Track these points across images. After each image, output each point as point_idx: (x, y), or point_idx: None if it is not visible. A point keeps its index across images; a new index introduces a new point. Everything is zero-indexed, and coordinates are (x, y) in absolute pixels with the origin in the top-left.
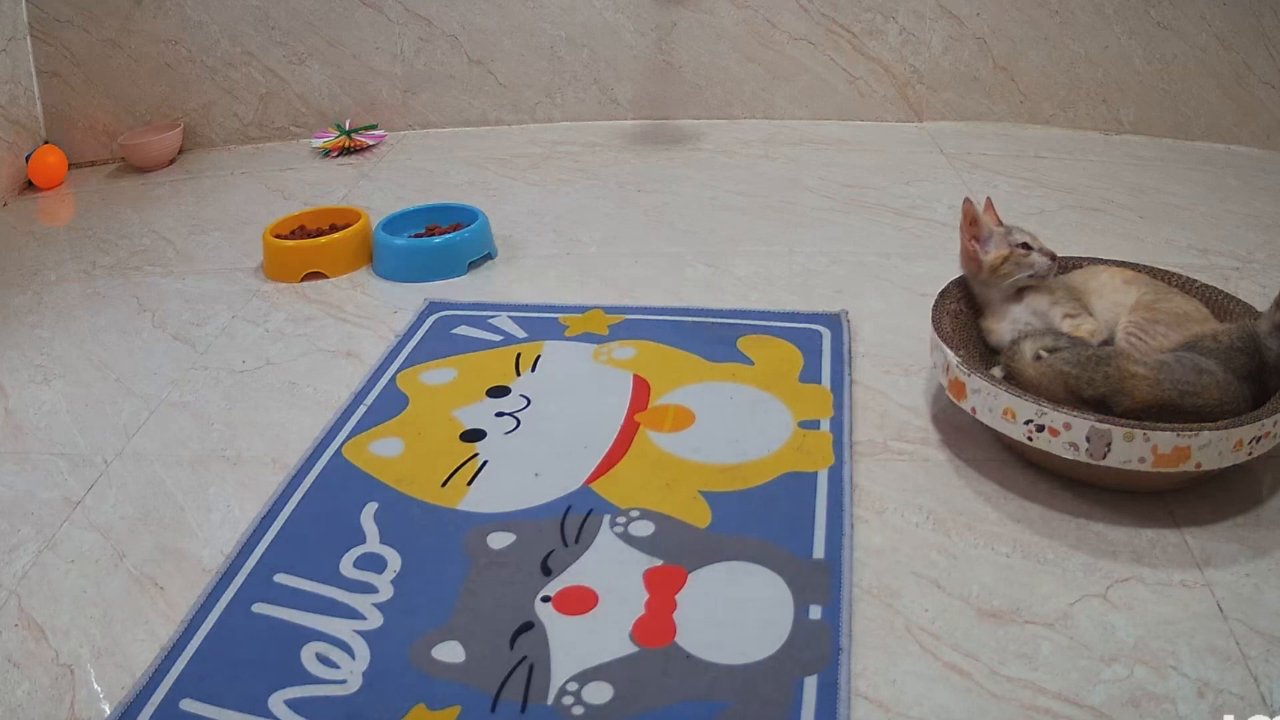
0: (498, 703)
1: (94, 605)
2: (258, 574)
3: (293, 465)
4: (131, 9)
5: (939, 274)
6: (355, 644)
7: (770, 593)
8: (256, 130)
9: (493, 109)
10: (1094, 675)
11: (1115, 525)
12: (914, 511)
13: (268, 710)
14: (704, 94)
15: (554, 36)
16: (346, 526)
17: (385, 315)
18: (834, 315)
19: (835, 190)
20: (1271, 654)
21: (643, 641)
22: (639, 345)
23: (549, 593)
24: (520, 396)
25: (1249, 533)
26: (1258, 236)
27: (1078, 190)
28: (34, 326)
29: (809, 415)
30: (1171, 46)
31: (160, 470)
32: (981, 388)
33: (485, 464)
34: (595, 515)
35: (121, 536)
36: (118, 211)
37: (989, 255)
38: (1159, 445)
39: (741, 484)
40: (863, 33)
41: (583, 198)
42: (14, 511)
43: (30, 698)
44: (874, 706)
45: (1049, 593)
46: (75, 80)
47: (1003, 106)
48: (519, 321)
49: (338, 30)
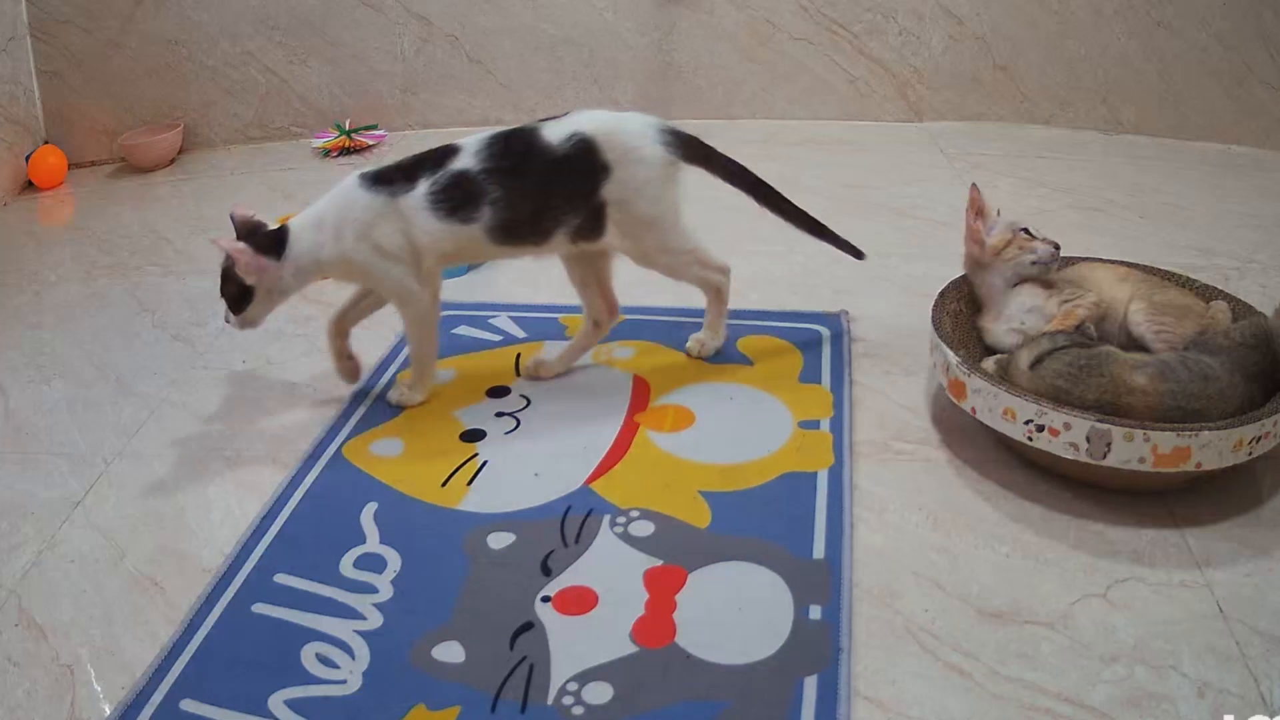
0: (498, 703)
1: (94, 605)
2: (258, 574)
3: (293, 465)
4: (132, 9)
5: (939, 274)
6: (355, 644)
7: (770, 593)
8: (256, 130)
9: (493, 109)
10: (1094, 675)
11: (1115, 525)
12: (914, 511)
13: (268, 710)
14: (704, 94)
15: (554, 36)
16: (346, 526)
17: (385, 315)
18: (834, 315)
19: (835, 190)
20: (1271, 654)
21: (643, 642)
22: (639, 345)
23: (549, 593)
24: (520, 396)
25: (1249, 533)
26: (1258, 236)
27: (1078, 190)
28: (34, 326)
29: (809, 415)
30: (1171, 46)
31: (160, 470)
32: (981, 388)
33: (485, 464)
34: (595, 515)
35: (121, 536)
36: (118, 212)
37: (993, 237)
38: (1159, 445)
39: (741, 484)
40: (863, 33)
41: None
42: (14, 511)
43: (30, 698)
44: (874, 706)
45: (1049, 593)
46: (75, 80)
47: (1003, 106)
48: (519, 321)
49: (338, 30)
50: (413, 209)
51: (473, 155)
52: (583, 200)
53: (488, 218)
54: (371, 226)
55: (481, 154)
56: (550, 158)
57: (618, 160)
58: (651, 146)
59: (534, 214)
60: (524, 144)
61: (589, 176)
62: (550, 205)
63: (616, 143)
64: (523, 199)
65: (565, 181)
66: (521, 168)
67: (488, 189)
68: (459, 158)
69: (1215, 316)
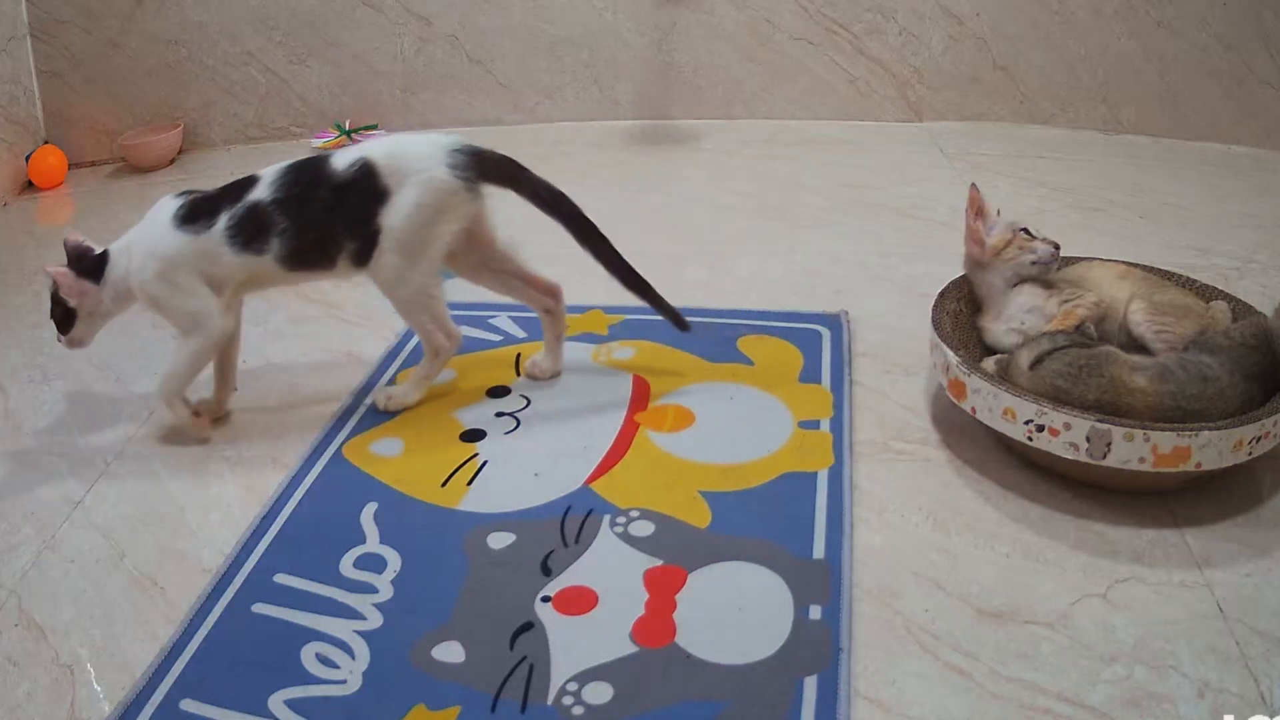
0: (498, 703)
1: (94, 605)
2: (257, 574)
3: (293, 465)
4: (132, 9)
5: (939, 274)
6: (355, 644)
7: (770, 593)
8: (256, 130)
9: (493, 109)
10: (1094, 675)
11: (1115, 525)
12: (914, 511)
13: (268, 710)
14: (704, 94)
15: (554, 36)
16: (346, 526)
17: (385, 315)
18: (834, 315)
19: (835, 190)
20: (1271, 654)
21: (643, 641)
22: (639, 345)
23: (549, 593)
24: (520, 396)
25: (1249, 533)
26: (1258, 237)
27: (1078, 190)
28: (34, 326)
29: (809, 415)
30: (1171, 46)
31: (160, 470)
32: (981, 388)
33: (485, 464)
34: (595, 515)
35: (121, 536)
36: (118, 212)
37: (993, 237)
38: (1159, 445)
39: (741, 484)
40: (863, 33)
41: (583, 198)
42: (14, 511)
43: (30, 698)
44: (874, 706)
45: (1049, 593)
46: (75, 80)
47: (1003, 106)
48: (519, 321)
49: (338, 30)
50: (213, 247)
51: (267, 186)
52: (362, 225)
53: (276, 248)
54: (174, 267)
55: (274, 184)
56: (334, 184)
57: (397, 184)
58: (434, 170)
59: (318, 241)
60: (311, 172)
61: (368, 202)
62: (333, 232)
63: (397, 167)
64: (307, 227)
65: (346, 207)
66: (307, 196)
67: (276, 219)
68: (255, 189)
69: (1215, 316)
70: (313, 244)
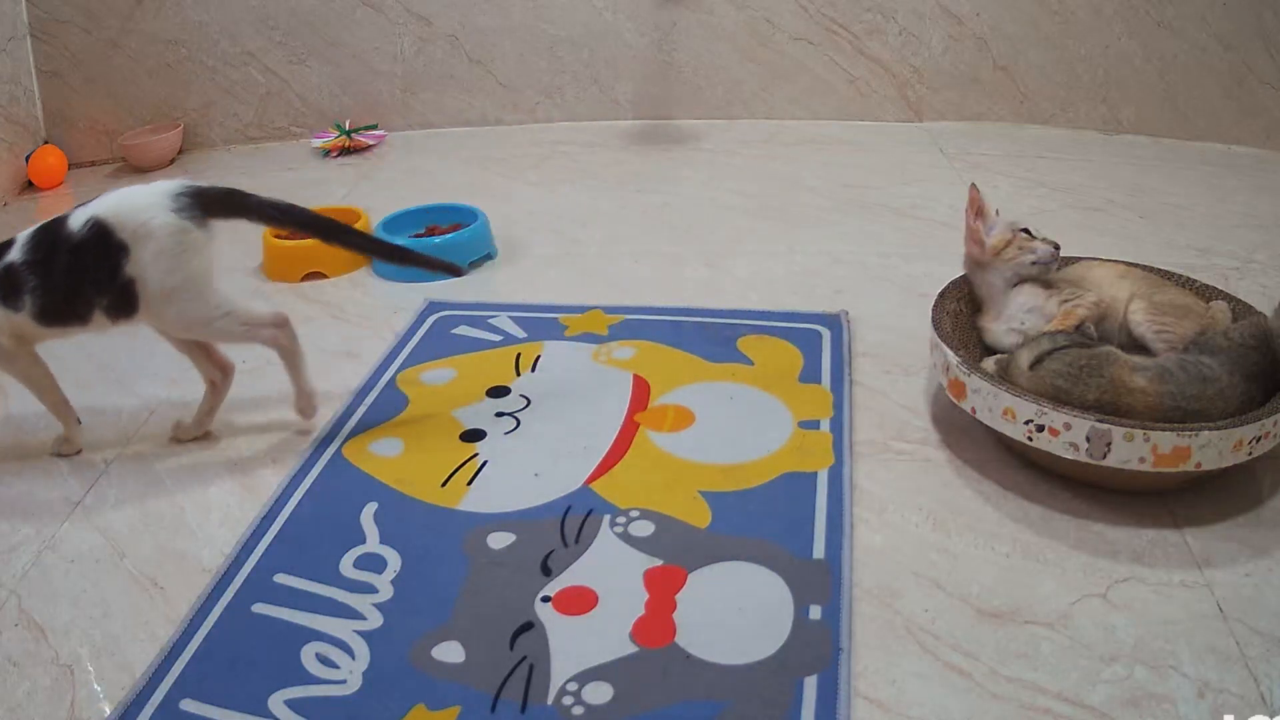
0: (498, 703)
1: (94, 605)
2: (257, 574)
3: (293, 465)
4: (132, 9)
5: (939, 274)
6: (355, 644)
7: (770, 593)
8: (256, 130)
9: (493, 109)
10: (1094, 675)
11: (1115, 525)
12: (914, 511)
13: (268, 710)
14: (704, 94)
15: (554, 36)
16: (346, 526)
17: (385, 315)
18: (834, 315)
19: (835, 190)
20: (1271, 654)
21: (643, 641)
22: (639, 345)
23: (549, 593)
24: (520, 397)
25: (1249, 533)
26: (1258, 236)
27: (1078, 190)
28: None
29: (809, 415)
30: (1171, 46)
31: (160, 470)
32: (981, 388)
33: (485, 464)
34: (595, 515)
35: (121, 536)
36: None
37: (993, 237)
38: (1159, 445)
39: (741, 484)
40: (863, 33)
41: (583, 198)
42: (14, 511)
43: (30, 698)
44: (874, 706)
45: (1049, 593)
46: (75, 80)
47: (1003, 106)
48: (519, 321)
49: (338, 30)
50: None
51: (19, 248)
52: (108, 280)
53: (29, 305)
54: None
55: (25, 246)
56: (71, 245)
57: (132, 238)
58: (162, 217)
59: (66, 299)
60: (52, 235)
61: (108, 257)
62: (79, 290)
63: (126, 220)
64: (54, 287)
65: (88, 266)
66: (50, 258)
67: (27, 279)
68: (12, 250)
69: (1215, 316)
70: (61, 302)
